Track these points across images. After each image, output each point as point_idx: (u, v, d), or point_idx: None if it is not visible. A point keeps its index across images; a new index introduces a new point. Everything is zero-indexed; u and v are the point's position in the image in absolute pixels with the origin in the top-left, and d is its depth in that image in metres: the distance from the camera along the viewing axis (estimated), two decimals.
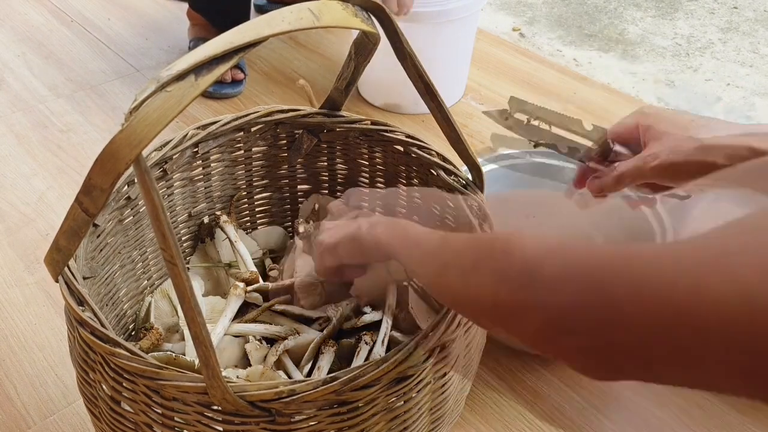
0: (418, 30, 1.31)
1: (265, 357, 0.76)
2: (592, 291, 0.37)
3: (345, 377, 0.54)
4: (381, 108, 1.44)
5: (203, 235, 0.90)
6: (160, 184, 0.81)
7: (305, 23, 0.53)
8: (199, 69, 0.47)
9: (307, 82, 0.88)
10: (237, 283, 0.81)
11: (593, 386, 0.89)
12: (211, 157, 0.85)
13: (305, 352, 0.76)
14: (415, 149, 0.82)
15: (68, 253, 0.53)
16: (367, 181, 0.91)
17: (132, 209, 0.77)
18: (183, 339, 0.78)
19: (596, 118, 1.42)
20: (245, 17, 1.51)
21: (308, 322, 0.81)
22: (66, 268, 0.60)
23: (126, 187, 0.75)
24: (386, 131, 0.84)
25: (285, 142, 0.89)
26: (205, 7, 1.52)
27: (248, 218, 0.94)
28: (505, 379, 0.90)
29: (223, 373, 0.52)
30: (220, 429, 0.56)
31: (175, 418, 0.57)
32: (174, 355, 0.67)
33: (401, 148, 0.84)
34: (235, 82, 1.47)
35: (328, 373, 0.73)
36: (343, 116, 0.85)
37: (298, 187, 0.94)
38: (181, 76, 0.46)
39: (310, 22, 0.53)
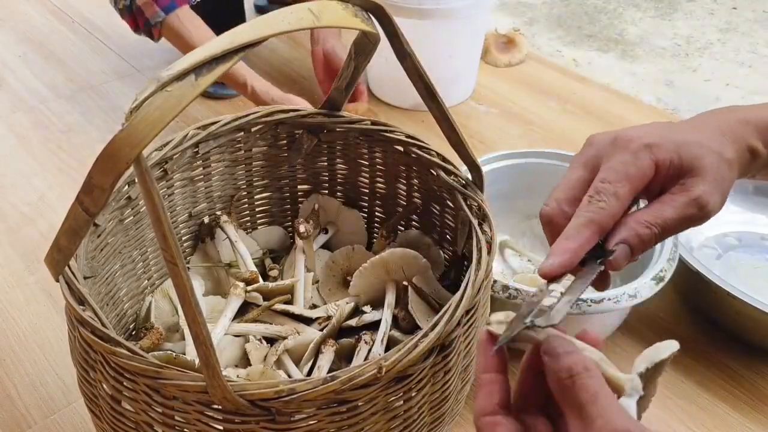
0: (432, 28, 1.31)
1: (265, 356, 0.76)
2: None
3: (344, 376, 0.54)
4: (394, 105, 1.44)
5: (203, 235, 0.90)
6: (161, 184, 0.81)
7: (305, 23, 0.53)
8: (199, 69, 0.47)
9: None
10: (237, 282, 0.81)
11: None
12: (212, 157, 0.85)
13: (305, 352, 0.76)
14: (415, 149, 0.82)
15: (69, 252, 0.54)
16: (367, 181, 0.91)
17: (132, 209, 0.77)
18: (183, 338, 0.78)
19: (596, 118, 1.43)
20: (241, 16, 1.51)
21: (308, 321, 0.81)
22: (66, 268, 0.60)
23: (126, 186, 0.75)
24: (386, 131, 0.84)
25: (285, 142, 0.89)
26: (202, 8, 1.52)
27: (248, 218, 0.94)
28: None
29: (224, 373, 0.52)
30: (221, 428, 0.56)
31: (176, 417, 0.57)
32: (174, 354, 0.67)
33: (401, 148, 0.84)
34: None
35: (328, 372, 0.73)
36: (343, 116, 0.85)
37: (298, 187, 0.94)
38: (181, 76, 0.46)
39: (310, 22, 0.53)
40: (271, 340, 0.79)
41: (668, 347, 0.42)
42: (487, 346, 0.44)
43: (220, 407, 0.55)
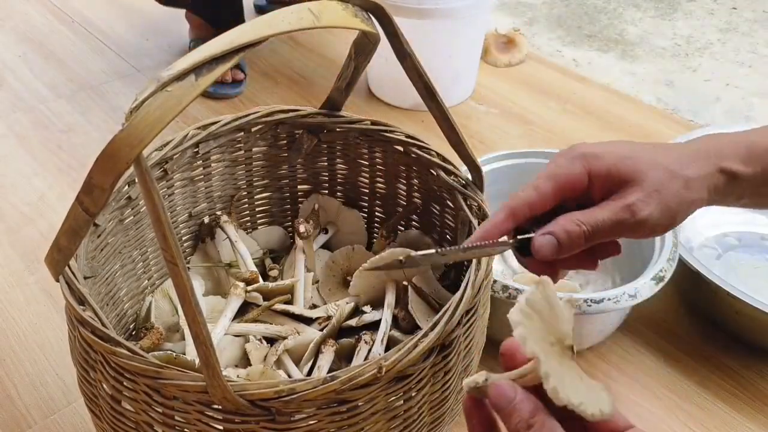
0: (432, 28, 1.31)
1: (265, 356, 0.76)
2: None
3: (344, 376, 0.54)
4: (394, 105, 1.44)
5: (203, 235, 0.90)
6: (161, 184, 0.81)
7: (305, 23, 0.53)
8: (199, 69, 0.47)
9: None
10: (237, 282, 0.81)
11: None
12: (212, 157, 0.85)
13: (305, 352, 0.76)
14: (415, 149, 0.82)
15: (69, 252, 0.54)
16: (367, 181, 0.91)
17: (132, 209, 0.77)
18: (183, 338, 0.78)
19: (596, 118, 1.43)
20: (240, 16, 1.51)
21: (308, 321, 0.81)
22: (66, 268, 0.60)
23: (126, 186, 0.75)
24: (386, 131, 0.84)
25: (285, 142, 0.89)
26: (202, 8, 1.52)
27: (248, 218, 0.94)
28: None
29: (224, 373, 0.52)
30: (221, 428, 0.56)
31: (176, 417, 0.57)
32: (174, 354, 0.67)
33: (401, 148, 0.84)
34: (235, 83, 1.47)
35: (328, 372, 0.73)
36: (343, 116, 0.85)
37: (298, 187, 0.94)
38: (181, 76, 0.46)
39: (310, 22, 0.53)
40: (271, 340, 0.79)
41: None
42: (471, 408, 0.42)
43: (220, 407, 0.55)
